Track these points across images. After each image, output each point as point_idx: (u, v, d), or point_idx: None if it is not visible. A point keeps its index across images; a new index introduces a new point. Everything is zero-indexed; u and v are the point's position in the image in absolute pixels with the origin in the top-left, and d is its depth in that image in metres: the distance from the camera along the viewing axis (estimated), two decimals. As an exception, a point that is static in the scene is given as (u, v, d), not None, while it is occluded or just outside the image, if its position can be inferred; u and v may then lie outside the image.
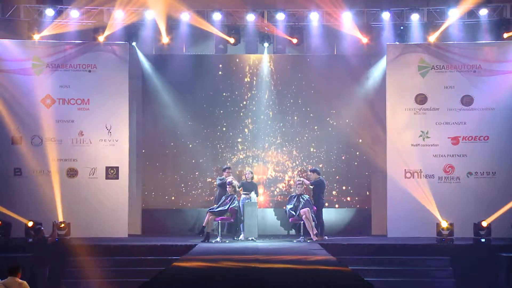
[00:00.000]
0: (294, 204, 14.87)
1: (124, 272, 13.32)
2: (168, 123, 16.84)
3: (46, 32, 15.76)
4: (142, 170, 16.84)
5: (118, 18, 15.85)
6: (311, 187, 15.37)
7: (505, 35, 15.53)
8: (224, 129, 16.92)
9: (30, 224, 14.09)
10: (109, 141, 15.86)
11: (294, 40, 16.18)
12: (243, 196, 15.35)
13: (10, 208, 14.92)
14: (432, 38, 15.79)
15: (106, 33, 15.83)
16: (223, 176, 15.56)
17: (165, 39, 15.98)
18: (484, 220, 14.38)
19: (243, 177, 15.88)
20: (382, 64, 16.43)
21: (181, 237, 15.57)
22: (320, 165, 16.31)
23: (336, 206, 16.75)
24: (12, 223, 14.62)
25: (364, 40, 16.07)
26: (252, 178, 15.75)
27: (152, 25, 16.12)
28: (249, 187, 15.51)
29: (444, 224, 14.30)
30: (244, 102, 16.97)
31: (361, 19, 16.15)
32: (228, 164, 16.35)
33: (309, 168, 16.14)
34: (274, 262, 11.32)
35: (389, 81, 15.94)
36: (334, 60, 16.84)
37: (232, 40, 16.09)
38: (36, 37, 15.70)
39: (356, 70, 16.75)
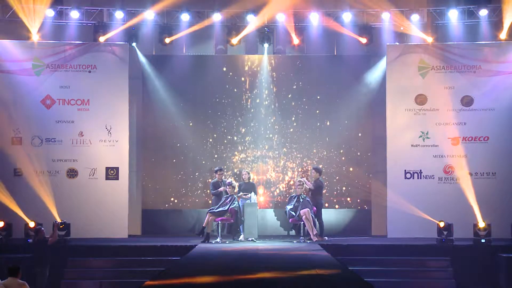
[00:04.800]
0: (294, 204, 14.85)
1: (124, 273, 13.32)
2: (168, 124, 16.83)
3: (46, 32, 15.76)
4: (142, 170, 16.84)
5: (118, 19, 15.88)
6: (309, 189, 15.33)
7: (502, 35, 15.55)
8: (224, 129, 16.91)
9: (32, 224, 14.07)
10: (109, 142, 15.86)
11: (295, 41, 16.19)
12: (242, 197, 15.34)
13: (10, 208, 14.93)
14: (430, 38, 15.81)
15: (108, 35, 15.84)
16: (216, 179, 15.50)
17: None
18: (483, 221, 14.38)
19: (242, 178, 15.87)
20: (382, 65, 16.44)
21: (181, 237, 15.58)
22: (320, 166, 16.29)
23: (336, 206, 16.74)
24: (12, 223, 14.61)
25: (364, 40, 16.09)
26: (249, 178, 15.75)
27: (152, 26, 16.15)
28: (248, 187, 15.50)
29: (442, 224, 14.30)
30: (244, 103, 16.96)
31: (361, 20, 16.17)
32: (224, 166, 16.30)
33: (310, 168, 16.16)
34: (274, 262, 11.31)
35: (389, 82, 15.94)
36: (334, 61, 16.86)
37: (235, 41, 16.15)
38: (36, 37, 15.70)
39: (356, 70, 16.77)
